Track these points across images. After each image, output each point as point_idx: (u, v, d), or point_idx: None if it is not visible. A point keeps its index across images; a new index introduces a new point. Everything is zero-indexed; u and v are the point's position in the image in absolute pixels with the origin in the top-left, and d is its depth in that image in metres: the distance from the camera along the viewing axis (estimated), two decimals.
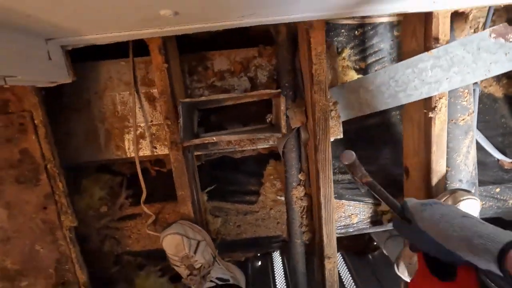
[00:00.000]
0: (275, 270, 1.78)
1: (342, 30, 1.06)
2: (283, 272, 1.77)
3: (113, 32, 0.63)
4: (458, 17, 0.82)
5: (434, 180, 0.84)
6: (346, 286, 1.35)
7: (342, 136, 0.91)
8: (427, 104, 0.81)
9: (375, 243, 1.50)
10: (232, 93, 0.80)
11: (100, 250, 1.00)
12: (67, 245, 0.80)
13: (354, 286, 1.34)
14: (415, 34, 0.82)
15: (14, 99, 0.71)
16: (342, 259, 1.53)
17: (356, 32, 1.07)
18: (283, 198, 0.99)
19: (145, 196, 0.92)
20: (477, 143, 0.98)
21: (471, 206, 0.80)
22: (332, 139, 0.84)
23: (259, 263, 1.73)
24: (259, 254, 1.69)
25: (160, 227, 1.00)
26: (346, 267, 1.48)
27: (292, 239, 0.98)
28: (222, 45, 0.94)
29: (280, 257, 1.88)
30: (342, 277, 1.40)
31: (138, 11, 0.52)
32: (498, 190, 1.02)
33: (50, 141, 0.74)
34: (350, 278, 1.39)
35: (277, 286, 1.49)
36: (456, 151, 0.89)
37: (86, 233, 0.96)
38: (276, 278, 1.70)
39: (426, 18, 0.76)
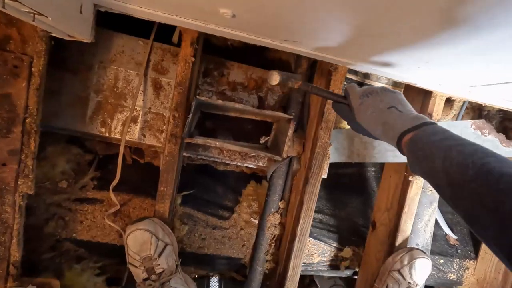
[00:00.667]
0: None
1: (345, 83, 1.16)
2: None
3: (159, 11, 0.61)
4: (447, 103, 0.96)
5: (400, 238, 0.91)
6: None
7: (326, 176, 0.96)
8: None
9: None
10: (247, 106, 0.80)
11: (41, 228, 0.87)
12: (14, 213, 0.69)
13: None
14: (412, 104, 0.93)
15: (18, 39, 0.63)
16: None
17: None
18: (256, 221, 0.98)
19: (116, 182, 0.84)
20: None
21: (425, 265, 0.87)
22: None
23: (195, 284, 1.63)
24: (196, 276, 1.60)
25: (121, 220, 0.91)
26: None
27: (254, 265, 0.96)
28: (236, 59, 0.96)
29: (218, 284, 1.79)
30: None
31: (200, 1, 0.52)
32: (442, 261, 1.13)
33: (40, 94, 0.67)
34: None
35: None
36: (419, 217, 0.99)
37: (33, 205, 0.84)
38: None
39: (426, 95, 0.87)
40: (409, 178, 0.88)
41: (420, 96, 0.89)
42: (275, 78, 0.63)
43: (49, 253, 0.90)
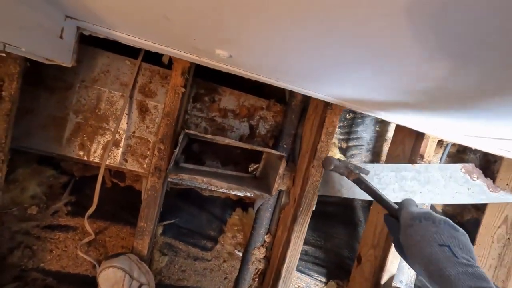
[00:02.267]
0: None
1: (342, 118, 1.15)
2: None
3: (148, 41, 0.57)
4: (438, 142, 0.96)
5: (385, 278, 0.89)
6: None
7: (314, 208, 0.93)
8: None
9: None
10: (238, 142, 0.77)
11: (4, 258, 0.80)
12: None
13: None
14: (403, 143, 0.93)
15: None
16: None
17: (347, 115, 1.17)
18: (240, 254, 0.94)
19: (92, 211, 0.78)
20: None
21: None
22: None
23: None
24: None
25: (95, 250, 0.85)
26: None
27: None
28: (230, 80, 0.92)
29: None
30: None
31: (196, 41, 0.48)
32: None
33: (11, 121, 0.61)
34: None
35: None
36: None
37: None
38: None
39: (418, 136, 0.87)
40: None
41: (412, 136, 0.89)
42: (328, 164, 0.66)
43: (13, 283, 0.82)
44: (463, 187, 0.85)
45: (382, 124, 1.21)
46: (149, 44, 0.58)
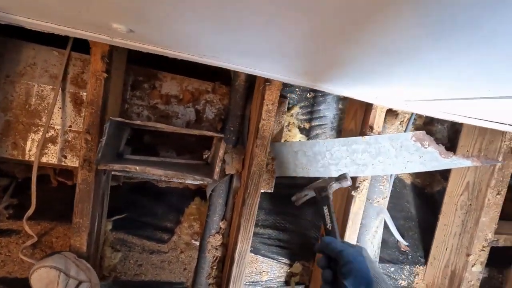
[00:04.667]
0: None
1: (296, 89, 1.12)
2: None
3: (51, 23, 0.53)
4: (390, 112, 0.94)
5: None
6: None
7: (272, 191, 0.91)
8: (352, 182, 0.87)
9: None
10: (171, 126, 0.74)
11: None
12: None
13: None
14: (355, 116, 0.91)
15: None
16: None
17: (308, 94, 1.15)
18: (197, 243, 0.92)
19: (32, 212, 0.75)
20: (384, 221, 1.08)
21: None
22: (262, 191, 0.83)
23: None
24: None
25: (41, 252, 0.82)
26: None
27: None
28: (173, 64, 0.88)
29: None
30: None
31: (88, 14, 0.45)
32: (392, 269, 1.13)
33: None
34: None
35: None
36: (366, 228, 0.97)
37: None
38: None
39: (367, 107, 0.85)
40: (352, 193, 0.86)
41: (362, 109, 0.87)
42: None
43: None
44: (414, 155, 0.84)
45: (345, 102, 1.19)
46: (52, 27, 0.54)
